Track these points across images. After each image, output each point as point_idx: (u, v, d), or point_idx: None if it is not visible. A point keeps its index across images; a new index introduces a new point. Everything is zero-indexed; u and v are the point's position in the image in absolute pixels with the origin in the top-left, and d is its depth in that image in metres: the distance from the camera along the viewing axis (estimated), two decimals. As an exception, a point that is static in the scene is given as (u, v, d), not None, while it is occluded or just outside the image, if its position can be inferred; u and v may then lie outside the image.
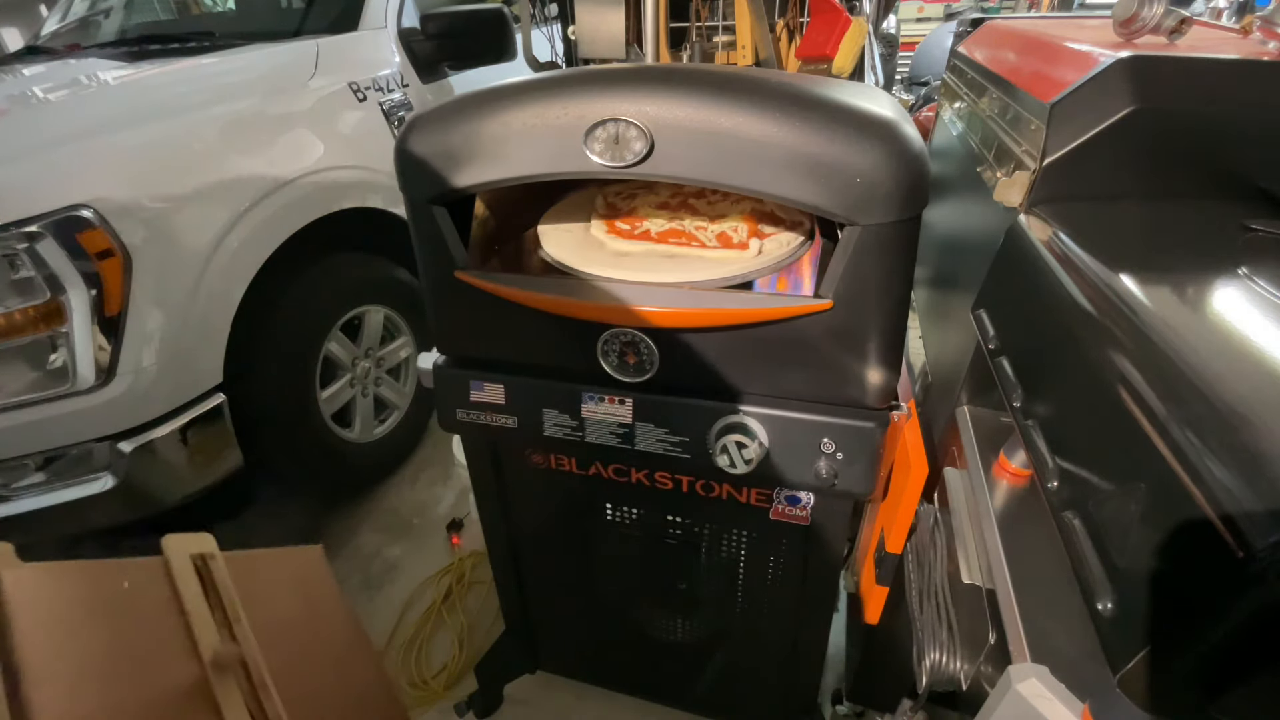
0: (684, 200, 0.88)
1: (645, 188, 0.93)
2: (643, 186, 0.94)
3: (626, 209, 0.87)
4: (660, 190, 0.91)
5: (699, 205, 0.87)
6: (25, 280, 1.12)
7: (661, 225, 0.83)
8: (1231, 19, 1.09)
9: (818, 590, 0.92)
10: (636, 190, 0.92)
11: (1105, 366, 0.51)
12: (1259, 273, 0.56)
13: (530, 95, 0.69)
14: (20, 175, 1.14)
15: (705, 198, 0.88)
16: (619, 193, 0.91)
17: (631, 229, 0.83)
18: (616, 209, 0.88)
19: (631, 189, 0.93)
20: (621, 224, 0.84)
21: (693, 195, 0.89)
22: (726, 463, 0.77)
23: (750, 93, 0.65)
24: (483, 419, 0.88)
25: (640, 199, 0.89)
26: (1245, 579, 0.35)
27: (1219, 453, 0.39)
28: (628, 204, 0.88)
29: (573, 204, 0.93)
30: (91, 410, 1.20)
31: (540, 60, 2.02)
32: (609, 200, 0.89)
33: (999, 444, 0.76)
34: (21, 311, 1.12)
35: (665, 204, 0.87)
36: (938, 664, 0.70)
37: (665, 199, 0.88)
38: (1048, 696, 0.48)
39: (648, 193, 0.91)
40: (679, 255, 0.78)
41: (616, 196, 0.90)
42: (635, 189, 0.93)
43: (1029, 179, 0.76)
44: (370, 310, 1.78)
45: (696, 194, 0.89)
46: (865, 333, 0.70)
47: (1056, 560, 0.59)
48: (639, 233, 0.82)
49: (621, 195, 0.90)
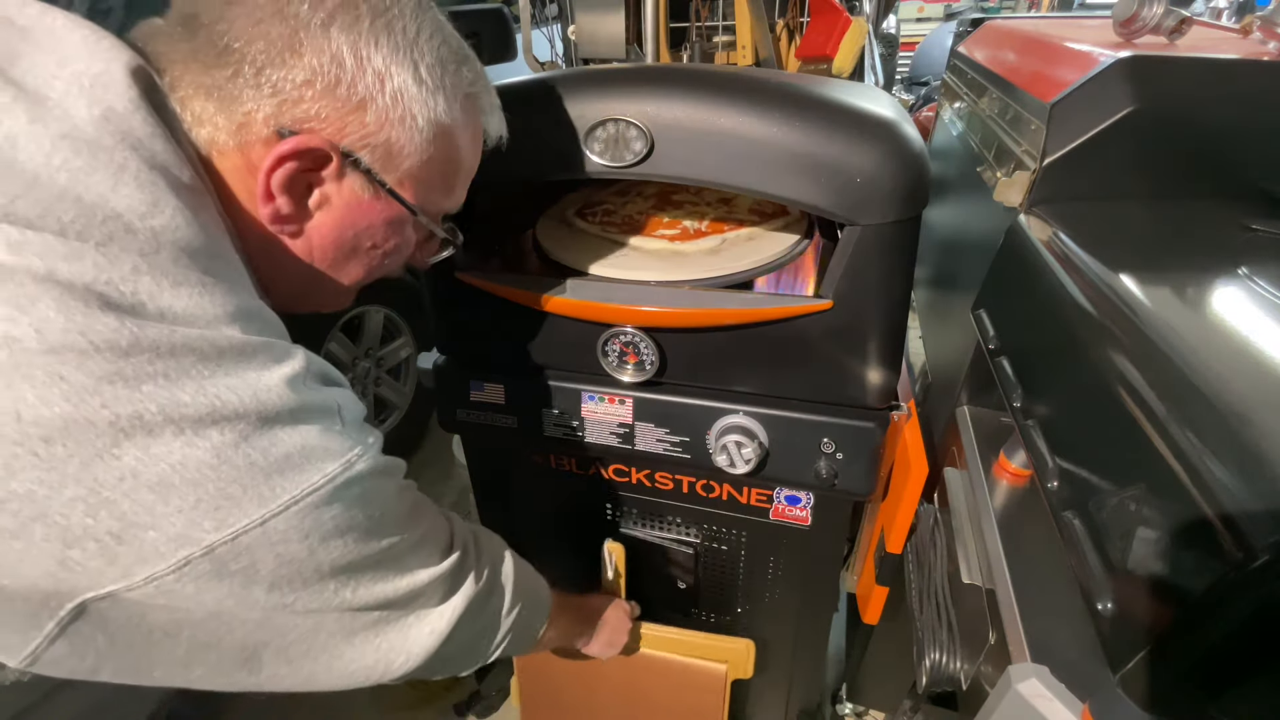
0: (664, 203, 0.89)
1: (620, 195, 0.94)
2: (617, 194, 0.94)
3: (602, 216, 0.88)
4: (637, 201, 0.91)
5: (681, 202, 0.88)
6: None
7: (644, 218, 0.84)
8: (1231, 19, 1.09)
9: (818, 590, 0.92)
10: (611, 203, 0.91)
11: (1105, 366, 0.51)
12: (1259, 273, 0.56)
13: (530, 95, 0.69)
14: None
15: (683, 208, 0.89)
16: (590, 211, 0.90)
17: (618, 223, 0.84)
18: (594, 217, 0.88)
19: (609, 200, 0.92)
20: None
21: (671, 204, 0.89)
22: (726, 462, 0.77)
23: (750, 92, 0.65)
24: (483, 419, 0.88)
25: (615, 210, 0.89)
26: (1245, 579, 0.35)
27: (1219, 453, 0.39)
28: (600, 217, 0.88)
29: (572, 204, 0.93)
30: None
31: (540, 60, 2.02)
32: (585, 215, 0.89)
33: (999, 444, 0.76)
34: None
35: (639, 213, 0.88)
36: (938, 664, 0.70)
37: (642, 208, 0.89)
38: (1048, 696, 0.48)
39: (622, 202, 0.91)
40: (679, 252, 0.78)
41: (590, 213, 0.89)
42: (610, 199, 0.93)
43: (1029, 179, 0.76)
44: (370, 310, 1.78)
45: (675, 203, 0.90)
46: (865, 333, 0.70)
47: (1056, 560, 0.59)
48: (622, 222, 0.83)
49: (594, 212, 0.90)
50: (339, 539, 0.42)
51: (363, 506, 0.44)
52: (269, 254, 0.48)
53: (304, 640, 0.44)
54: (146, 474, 0.35)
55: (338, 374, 0.48)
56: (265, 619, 0.41)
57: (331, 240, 0.50)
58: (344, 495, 0.42)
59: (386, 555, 0.47)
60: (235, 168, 0.45)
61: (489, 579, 0.60)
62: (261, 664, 0.43)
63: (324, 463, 0.41)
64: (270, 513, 0.38)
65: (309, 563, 0.41)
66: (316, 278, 0.52)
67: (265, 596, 0.40)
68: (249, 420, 0.38)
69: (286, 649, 0.44)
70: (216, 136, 0.44)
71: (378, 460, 0.46)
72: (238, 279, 0.43)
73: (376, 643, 0.49)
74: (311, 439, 0.41)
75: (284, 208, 0.46)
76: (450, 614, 0.54)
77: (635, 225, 0.84)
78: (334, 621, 0.45)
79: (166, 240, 0.37)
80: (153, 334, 0.35)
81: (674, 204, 0.89)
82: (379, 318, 1.81)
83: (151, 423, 0.35)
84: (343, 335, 1.71)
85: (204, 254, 0.39)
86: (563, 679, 1.02)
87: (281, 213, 0.46)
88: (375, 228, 0.51)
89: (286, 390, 0.40)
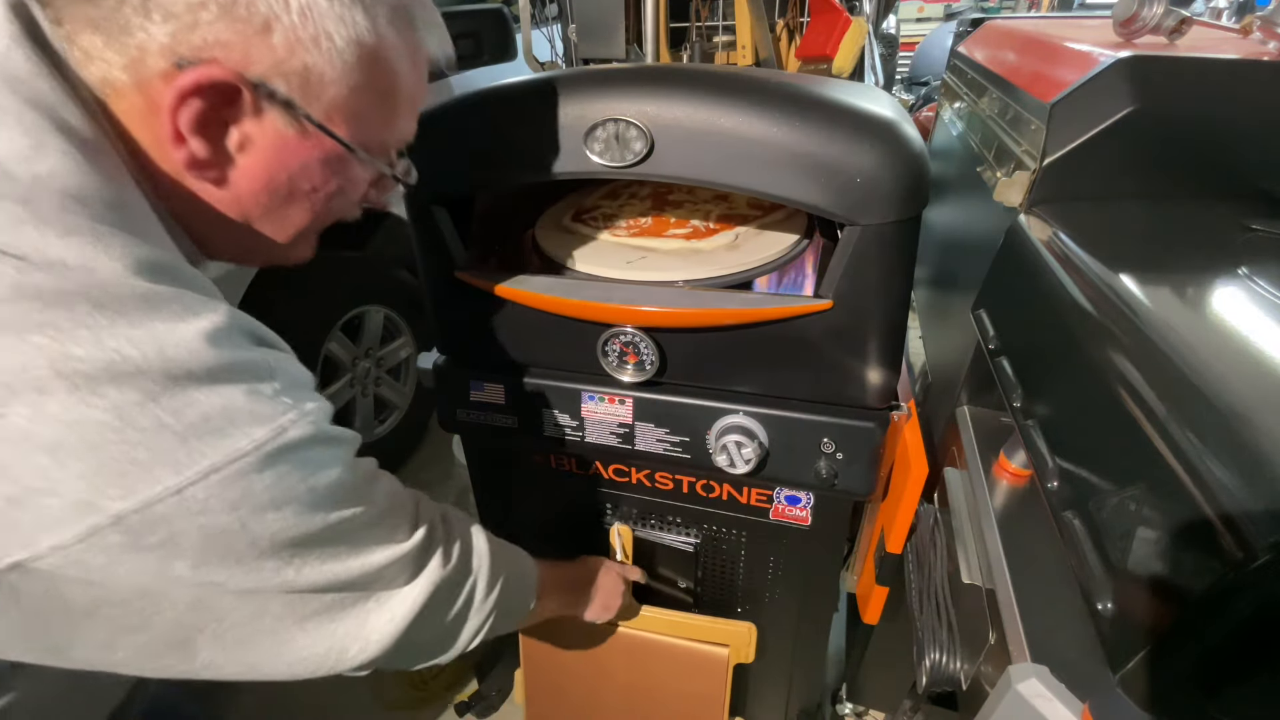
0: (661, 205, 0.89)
1: (612, 198, 0.94)
2: (608, 197, 0.94)
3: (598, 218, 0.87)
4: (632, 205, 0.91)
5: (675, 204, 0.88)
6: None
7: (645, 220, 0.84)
8: (1231, 19, 1.09)
9: (818, 590, 0.92)
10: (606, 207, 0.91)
11: (1105, 366, 0.51)
12: (1259, 273, 0.56)
13: (530, 95, 0.69)
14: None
15: (683, 207, 0.89)
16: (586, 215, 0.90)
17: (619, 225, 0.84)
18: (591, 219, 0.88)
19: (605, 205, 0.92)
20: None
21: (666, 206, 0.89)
22: (726, 462, 0.77)
23: (750, 93, 0.65)
24: (483, 419, 0.88)
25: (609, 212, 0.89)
26: (1245, 579, 0.35)
27: (1219, 453, 0.39)
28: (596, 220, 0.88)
29: (571, 204, 0.93)
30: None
31: (540, 60, 2.02)
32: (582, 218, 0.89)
33: (999, 444, 0.76)
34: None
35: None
36: (938, 664, 0.70)
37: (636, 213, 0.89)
38: (1048, 696, 0.48)
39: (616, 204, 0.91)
40: (697, 250, 0.79)
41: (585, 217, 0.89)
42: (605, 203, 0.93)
43: (1029, 179, 0.76)
44: (370, 310, 1.78)
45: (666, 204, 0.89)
46: (865, 333, 0.70)
47: (1056, 560, 0.59)
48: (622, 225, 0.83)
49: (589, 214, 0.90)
50: (275, 512, 0.39)
51: (303, 477, 0.40)
52: (193, 205, 0.44)
53: (245, 625, 0.41)
54: (39, 435, 0.32)
55: (273, 335, 0.44)
56: (197, 600, 0.38)
57: (262, 185, 0.44)
58: (278, 464, 0.38)
59: (336, 532, 0.43)
60: (136, 109, 0.40)
61: (459, 560, 0.56)
62: (196, 649, 0.40)
63: (251, 428, 0.37)
64: (187, 481, 0.35)
65: (241, 537, 0.38)
66: (254, 227, 0.47)
67: (192, 573, 0.37)
68: (154, 377, 0.34)
69: (223, 634, 0.40)
70: (110, 74, 0.38)
71: (320, 428, 0.42)
72: (147, 231, 0.38)
73: (331, 629, 0.45)
74: (236, 401, 0.37)
75: (199, 152, 0.41)
76: (414, 598, 0.50)
77: (640, 228, 0.84)
78: (279, 605, 0.41)
79: (53, 187, 0.34)
80: (38, 280, 0.32)
81: (672, 204, 0.89)
82: (379, 318, 1.81)
83: (41, 378, 0.31)
84: (343, 335, 1.71)
85: (100, 202, 0.35)
86: (567, 665, 1.02)
87: (198, 158, 0.41)
88: (310, 169, 0.45)
89: (203, 346, 0.36)
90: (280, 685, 0.44)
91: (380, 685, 1.39)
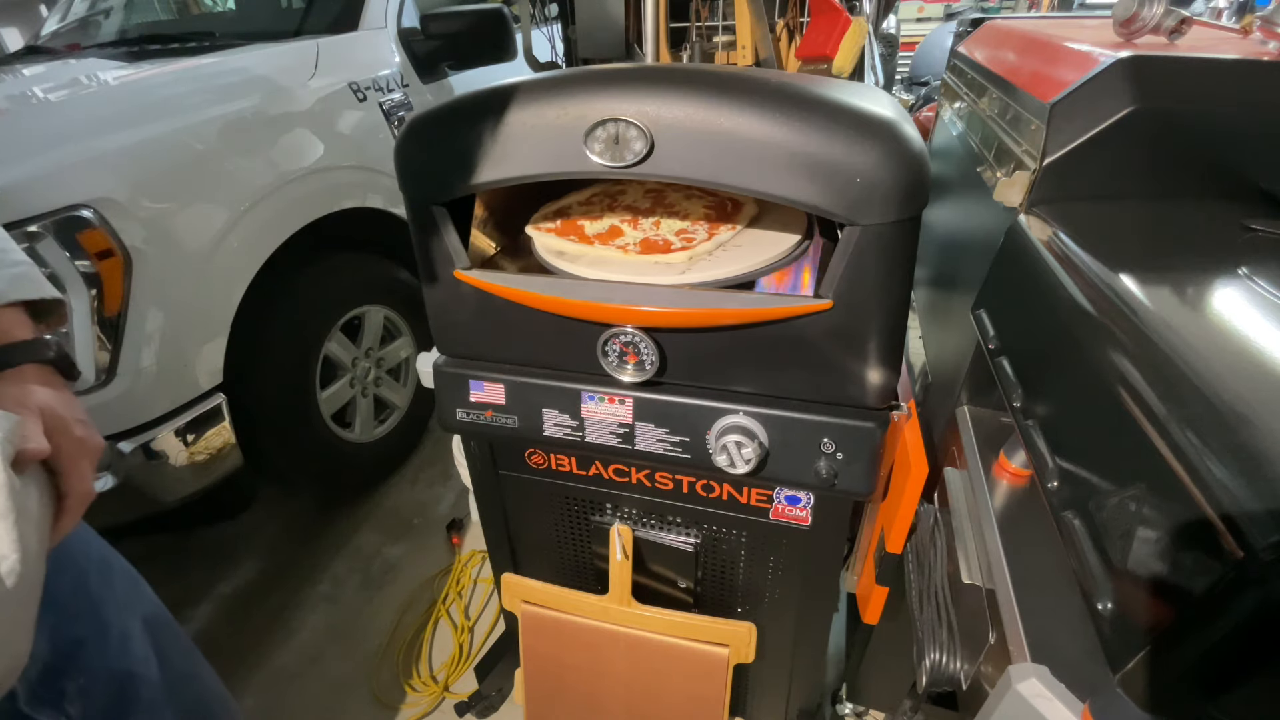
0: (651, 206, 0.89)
1: (609, 198, 0.93)
2: (600, 195, 0.94)
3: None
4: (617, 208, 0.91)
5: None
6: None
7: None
8: (1231, 19, 1.09)
9: (818, 590, 0.92)
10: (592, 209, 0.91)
11: (1105, 366, 0.51)
12: (1259, 273, 0.56)
13: (530, 95, 0.69)
14: (21, 175, 1.14)
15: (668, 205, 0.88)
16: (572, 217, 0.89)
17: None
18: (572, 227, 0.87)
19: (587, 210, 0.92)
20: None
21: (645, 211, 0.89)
22: (726, 462, 0.77)
23: (750, 93, 0.65)
24: (483, 419, 0.88)
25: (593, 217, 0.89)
26: (1245, 579, 0.35)
27: (1219, 453, 0.39)
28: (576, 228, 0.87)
29: (571, 203, 0.93)
30: (91, 410, 1.19)
31: (540, 60, 2.02)
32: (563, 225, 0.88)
33: (999, 444, 0.76)
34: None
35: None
36: (938, 664, 0.70)
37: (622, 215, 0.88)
38: (1048, 696, 0.48)
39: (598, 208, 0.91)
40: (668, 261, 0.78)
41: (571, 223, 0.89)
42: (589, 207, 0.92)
43: (1029, 179, 0.76)
44: (370, 310, 1.78)
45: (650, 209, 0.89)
46: (865, 333, 0.70)
47: (1056, 560, 0.59)
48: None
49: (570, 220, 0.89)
50: None
51: None
52: None
53: None
54: None
55: None
56: None
57: None
58: None
59: None
60: None
61: None
62: None
63: None
64: None
65: None
66: None
67: None
68: None
69: None
70: None
71: None
72: None
73: None
74: None
75: None
76: None
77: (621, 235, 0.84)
78: None
79: None
80: None
81: (644, 212, 0.89)
82: (379, 318, 1.82)
83: None
84: (343, 335, 1.71)
85: None
86: (567, 665, 1.02)
87: None
88: None
89: None
90: (280, 686, 0.44)
91: (380, 685, 1.39)
